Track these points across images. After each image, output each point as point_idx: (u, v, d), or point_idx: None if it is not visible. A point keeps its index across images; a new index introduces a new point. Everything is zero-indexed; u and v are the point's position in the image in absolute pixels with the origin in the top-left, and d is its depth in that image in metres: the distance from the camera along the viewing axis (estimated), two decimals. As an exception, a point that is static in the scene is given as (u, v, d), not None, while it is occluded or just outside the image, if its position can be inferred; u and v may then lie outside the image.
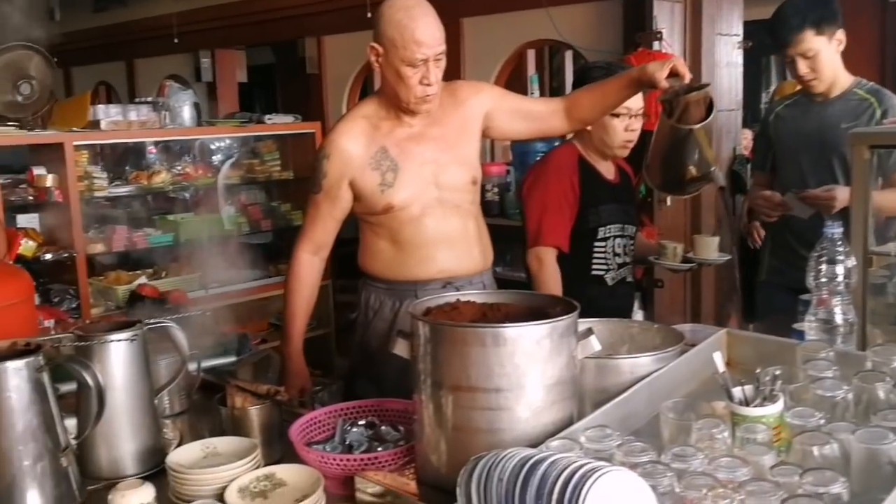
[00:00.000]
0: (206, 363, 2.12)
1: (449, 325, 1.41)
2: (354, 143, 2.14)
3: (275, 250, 4.83)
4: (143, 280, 4.11)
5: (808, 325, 1.80)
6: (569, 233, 2.58)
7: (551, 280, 2.51)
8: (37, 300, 3.85)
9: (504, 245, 3.72)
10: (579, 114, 2.24)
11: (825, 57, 2.73)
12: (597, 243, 2.65)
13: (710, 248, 3.05)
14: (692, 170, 2.14)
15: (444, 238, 2.17)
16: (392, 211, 2.15)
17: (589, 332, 1.47)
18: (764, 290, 3.20)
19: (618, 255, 2.70)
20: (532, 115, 2.27)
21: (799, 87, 3.05)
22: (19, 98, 3.78)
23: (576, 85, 2.78)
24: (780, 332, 2.28)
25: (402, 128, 2.16)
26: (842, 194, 2.58)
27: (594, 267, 2.66)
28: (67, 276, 3.96)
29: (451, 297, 1.59)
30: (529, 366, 1.36)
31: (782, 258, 2.98)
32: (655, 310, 4.33)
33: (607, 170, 2.72)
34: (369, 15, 5.41)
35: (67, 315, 3.83)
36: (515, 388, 1.36)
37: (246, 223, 4.74)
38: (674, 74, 1.99)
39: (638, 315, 4.27)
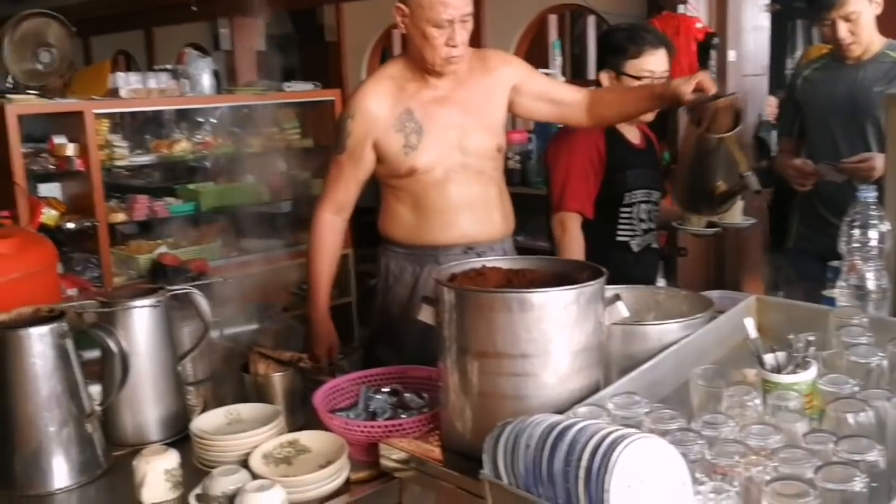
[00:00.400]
0: (228, 331, 2.13)
1: (475, 291, 1.38)
2: (380, 104, 2.11)
3: (295, 219, 4.81)
4: (164, 249, 4.11)
5: (840, 292, 1.76)
6: (594, 199, 2.53)
7: (575, 246, 2.47)
8: (60, 269, 3.88)
9: (526, 214, 3.67)
10: (600, 112, 2.23)
11: (866, 20, 2.67)
12: (622, 209, 2.60)
13: (736, 212, 3.01)
14: (722, 184, 2.06)
15: (466, 203, 2.16)
16: (415, 174, 2.12)
17: (616, 297, 1.44)
18: (792, 257, 3.15)
19: (643, 220, 2.65)
20: (556, 101, 2.24)
21: (826, 51, 2.98)
22: (39, 66, 3.77)
23: (600, 50, 2.73)
24: (810, 299, 2.27)
25: (427, 90, 2.13)
26: (880, 162, 2.52)
27: (619, 233, 2.61)
28: (89, 245, 3.97)
29: (475, 262, 1.56)
30: (556, 332, 1.34)
31: (811, 225, 2.93)
32: (679, 278, 4.29)
33: (633, 135, 2.66)
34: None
35: (90, 283, 3.84)
36: (542, 354, 1.34)
37: (266, 192, 4.73)
38: (700, 90, 1.96)
39: (661, 283, 4.24)
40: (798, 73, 3.04)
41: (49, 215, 3.81)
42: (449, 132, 2.13)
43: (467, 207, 2.16)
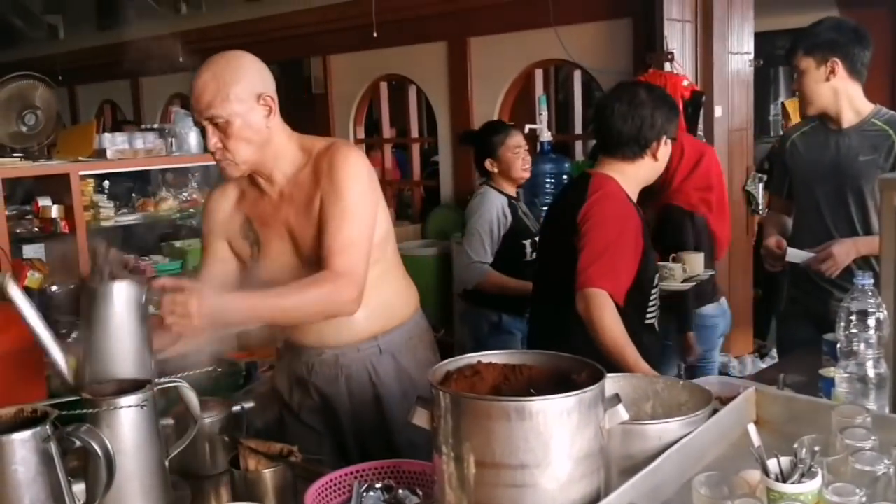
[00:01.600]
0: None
1: (472, 398, 1.35)
2: (222, 211, 2.10)
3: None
4: (151, 310, 4.05)
5: (839, 378, 1.74)
6: (629, 284, 2.29)
7: (617, 325, 2.19)
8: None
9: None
10: None
11: (811, 81, 2.70)
12: (652, 291, 2.44)
13: (697, 264, 3.07)
14: None
15: None
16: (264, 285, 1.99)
17: (616, 399, 1.41)
18: (785, 320, 3.14)
19: (656, 299, 2.50)
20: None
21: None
22: (24, 128, 3.75)
23: (597, 116, 2.59)
24: (803, 367, 2.25)
25: (262, 196, 2.06)
26: (839, 250, 2.56)
27: (648, 316, 2.45)
28: (75, 308, 3.90)
29: (471, 357, 1.53)
30: (557, 440, 1.30)
31: (802, 288, 2.92)
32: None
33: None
34: (375, 34, 5.39)
35: (78, 347, 3.78)
36: (542, 463, 1.30)
37: (254, 249, 4.69)
38: None
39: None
40: (787, 136, 3.04)
41: (33, 278, 3.75)
42: (282, 244, 2.03)
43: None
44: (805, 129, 2.93)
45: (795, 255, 2.72)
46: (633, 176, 2.45)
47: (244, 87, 1.90)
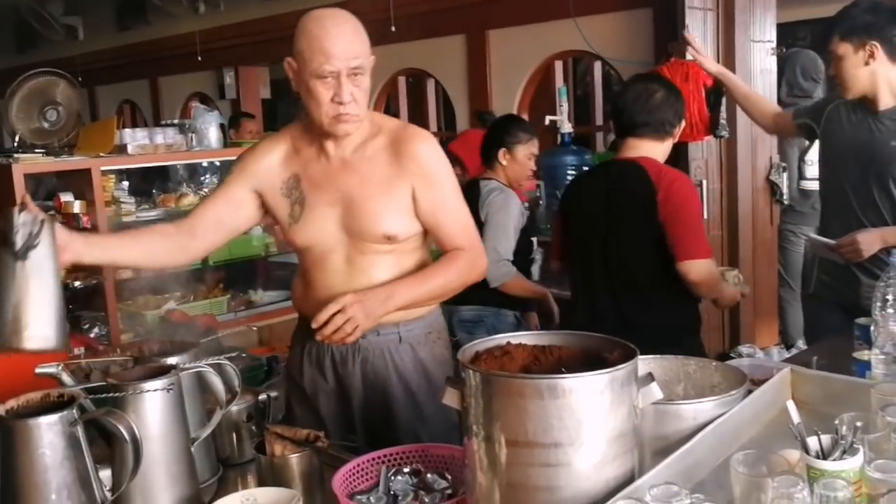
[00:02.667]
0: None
1: (504, 376, 1.33)
2: (268, 161, 2.05)
3: (302, 270, 4.79)
4: (171, 304, 4.07)
5: (875, 358, 1.70)
6: None
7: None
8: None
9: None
10: None
11: (850, 65, 2.66)
12: None
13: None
14: None
15: (348, 286, 1.99)
16: (297, 248, 2.07)
17: (650, 377, 1.38)
18: (812, 305, 3.09)
19: None
20: (435, 236, 2.07)
21: None
22: (46, 125, 3.76)
23: (614, 107, 2.85)
24: (835, 353, 2.21)
25: (320, 159, 2.02)
26: (864, 238, 2.52)
27: None
28: (96, 302, 3.93)
29: (501, 338, 1.51)
30: (589, 418, 1.28)
31: (832, 273, 2.86)
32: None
33: None
34: (393, 28, 5.37)
35: (97, 342, 3.79)
36: (575, 442, 1.27)
37: (273, 243, 4.69)
38: None
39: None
40: (833, 100, 2.92)
41: (55, 274, 3.76)
42: (331, 209, 2.00)
43: (347, 288, 1.98)
44: (850, 102, 2.86)
45: (817, 244, 2.69)
46: (661, 154, 2.73)
47: (369, 43, 1.93)
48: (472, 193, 3.34)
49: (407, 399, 2.11)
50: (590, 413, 1.28)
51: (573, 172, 4.65)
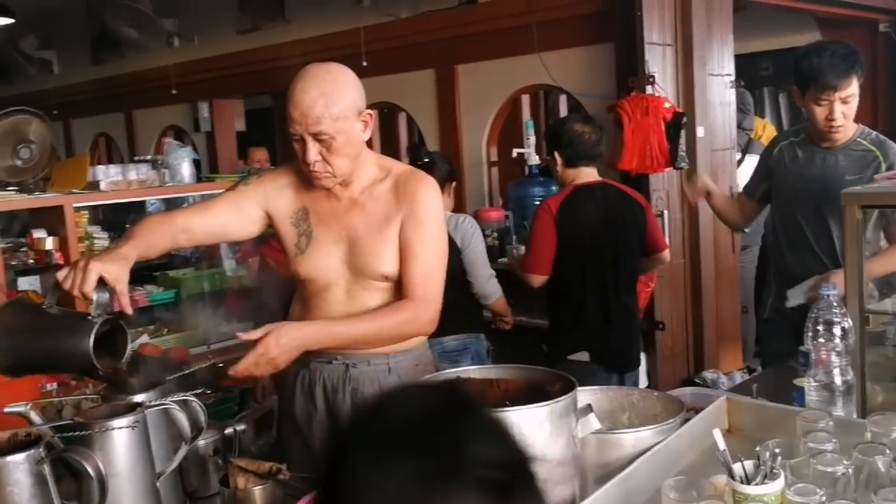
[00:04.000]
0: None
1: (448, 411, 1.40)
2: (283, 187, 2.12)
3: (276, 302, 4.83)
4: (144, 339, 4.09)
5: (808, 386, 1.80)
6: None
7: None
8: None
9: (508, 289, 3.79)
10: None
11: (855, 105, 2.73)
12: None
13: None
14: None
15: (343, 314, 2.08)
16: (300, 278, 2.13)
17: (588, 409, 1.47)
18: (767, 329, 3.19)
19: None
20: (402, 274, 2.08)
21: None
22: (19, 162, 3.82)
23: (550, 139, 3.58)
24: (782, 378, 2.31)
25: (329, 195, 2.09)
26: (838, 279, 2.57)
27: None
28: (70, 337, 3.95)
29: (451, 373, 1.59)
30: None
31: (782, 298, 2.97)
32: (658, 350, 4.33)
33: None
34: (364, 63, 5.48)
35: (70, 377, 3.82)
36: (516, 471, 1.35)
37: (247, 276, 4.74)
38: None
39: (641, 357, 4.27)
40: (776, 142, 3.07)
41: (28, 309, 3.80)
42: (335, 246, 2.08)
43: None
44: (794, 139, 2.97)
45: (796, 294, 2.74)
46: None
47: (349, 103, 1.94)
48: None
49: None
50: (529, 444, 1.36)
51: (540, 202, 4.75)
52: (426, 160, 3.54)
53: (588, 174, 3.43)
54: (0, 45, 8.13)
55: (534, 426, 1.36)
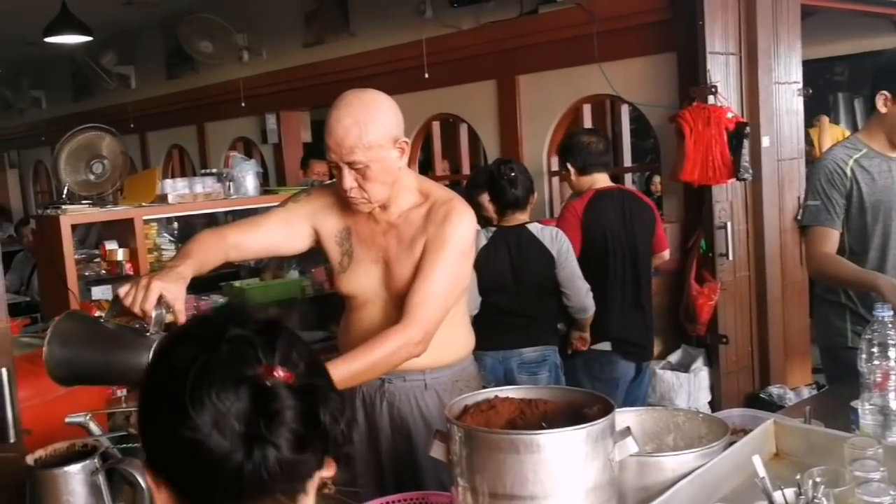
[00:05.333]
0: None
1: (482, 432, 1.41)
2: (331, 206, 2.15)
3: (339, 311, 4.90)
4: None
5: (862, 410, 1.74)
6: None
7: None
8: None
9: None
10: None
11: None
12: None
13: None
14: None
15: (378, 330, 2.06)
16: (341, 294, 2.18)
17: (627, 431, 1.46)
18: (837, 351, 3.05)
19: None
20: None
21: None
22: (92, 177, 3.96)
23: (562, 152, 3.82)
24: (849, 398, 2.23)
25: (370, 217, 2.12)
26: None
27: None
28: (139, 346, 4.08)
29: (489, 392, 1.60)
30: (564, 472, 1.36)
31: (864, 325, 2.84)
32: (721, 366, 4.24)
33: None
34: (426, 75, 5.53)
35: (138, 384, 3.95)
36: (551, 495, 1.36)
37: (310, 286, 4.83)
38: None
39: (703, 372, 4.19)
40: (842, 161, 2.83)
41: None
42: (374, 266, 2.12)
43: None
44: (857, 154, 2.85)
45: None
46: None
47: (384, 132, 1.95)
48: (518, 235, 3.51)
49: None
50: (564, 467, 1.36)
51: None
52: (511, 174, 3.56)
53: (602, 180, 3.68)
54: (82, 62, 8.46)
55: (568, 450, 1.36)
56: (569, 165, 3.69)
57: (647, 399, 3.85)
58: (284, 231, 2.17)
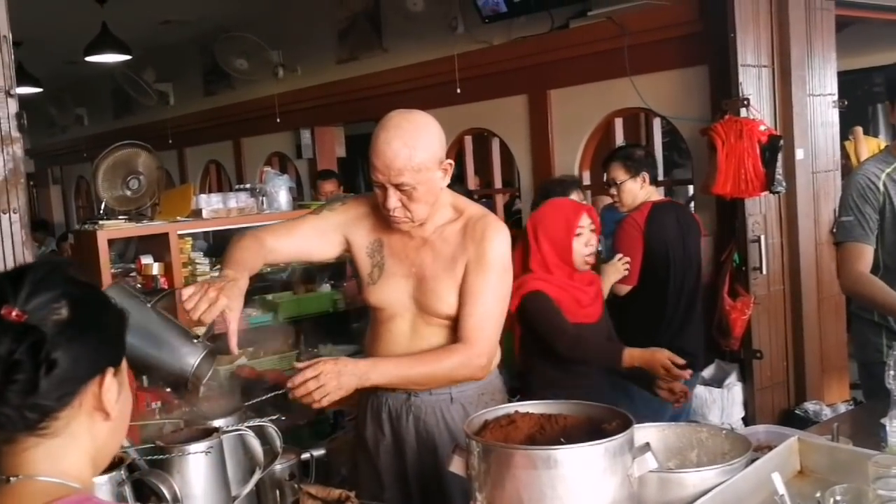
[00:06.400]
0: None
1: (500, 447, 1.42)
2: (364, 217, 2.18)
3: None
4: (243, 360, 4.26)
5: (891, 428, 1.72)
6: None
7: None
8: (144, 382, 4.08)
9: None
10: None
11: None
12: None
13: None
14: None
15: (409, 348, 2.13)
16: (370, 306, 2.19)
17: (646, 447, 1.45)
18: (874, 367, 3.01)
19: None
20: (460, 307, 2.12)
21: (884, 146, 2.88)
22: (128, 192, 4.04)
23: (636, 160, 3.79)
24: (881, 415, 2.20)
25: (403, 233, 2.13)
26: None
27: None
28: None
29: (509, 407, 1.60)
30: (582, 488, 1.36)
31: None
32: (756, 381, 4.19)
33: None
34: (458, 90, 5.56)
35: (172, 396, 4.00)
36: (568, 510, 1.35)
37: (342, 299, 4.86)
38: None
39: (736, 387, 4.14)
40: (874, 174, 2.82)
41: (135, 332, 4.01)
42: (405, 281, 2.13)
43: (405, 349, 2.14)
44: (889, 169, 2.81)
45: None
46: None
47: (431, 154, 1.99)
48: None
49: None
50: (582, 483, 1.36)
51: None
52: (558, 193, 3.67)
53: (656, 193, 3.93)
54: (123, 78, 8.63)
55: (585, 466, 1.36)
56: (645, 174, 3.76)
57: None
58: (317, 238, 2.21)
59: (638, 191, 3.75)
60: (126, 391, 1.18)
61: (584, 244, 2.90)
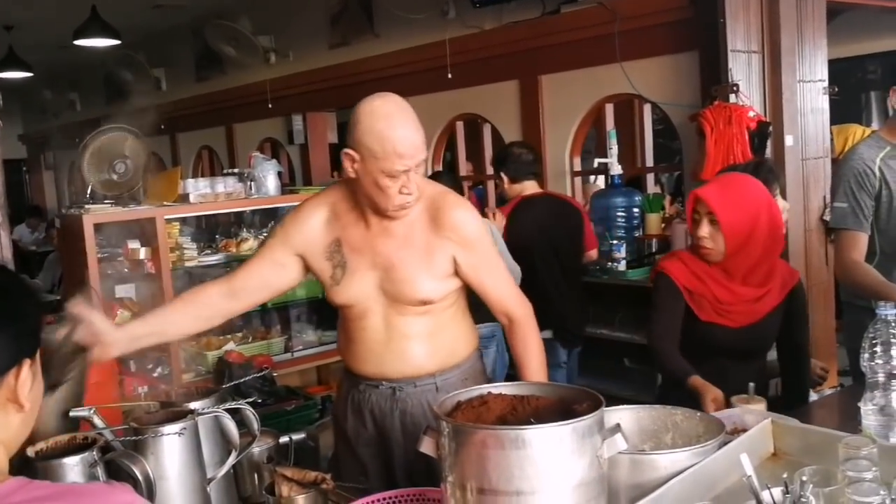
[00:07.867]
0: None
1: (469, 427, 1.41)
2: (312, 226, 2.14)
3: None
4: (231, 346, 4.26)
5: (864, 410, 1.72)
6: None
7: None
8: (132, 366, 4.08)
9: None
10: (512, 344, 2.28)
11: None
12: None
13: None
14: None
15: (383, 340, 2.13)
16: (339, 306, 2.18)
17: (616, 428, 1.45)
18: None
19: None
20: (480, 294, 2.21)
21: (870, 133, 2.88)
22: (115, 177, 4.02)
23: (496, 162, 4.25)
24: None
25: (361, 225, 2.11)
26: None
27: None
28: (161, 343, 4.13)
29: (482, 389, 1.60)
30: (550, 468, 1.35)
31: None
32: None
33: None
34: (449, 76, 5.54)
35: (159, 381, 4.00)
36: (537, 491, 1.35)
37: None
38: None
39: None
40: (868, 159, 2.82)
41: (122, 316, 4.00)
42: (371, 273, 2.10)
43: (383, 344, 2.14)
44: (882, 153, 2.81)
45: None
46: None
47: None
48: None
49: None
50: (550, 463, 1.35)
51: (623, 213, 4.70)
52: None
53: (531, 187, 4.17)
54: (115, 63, 8.59)
55: (556, 444, 1.35)
56: (502, 174, 4.16)
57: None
58: (271, 268, 2.18)
59: (506, 187, 4.17)
60: (39, 382, 1.17)
61: None
